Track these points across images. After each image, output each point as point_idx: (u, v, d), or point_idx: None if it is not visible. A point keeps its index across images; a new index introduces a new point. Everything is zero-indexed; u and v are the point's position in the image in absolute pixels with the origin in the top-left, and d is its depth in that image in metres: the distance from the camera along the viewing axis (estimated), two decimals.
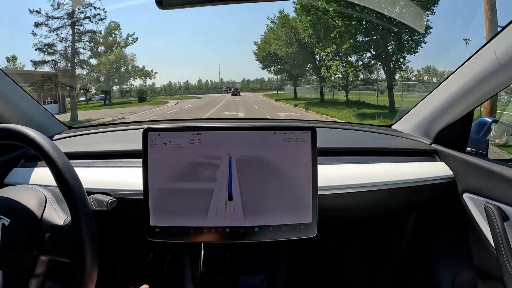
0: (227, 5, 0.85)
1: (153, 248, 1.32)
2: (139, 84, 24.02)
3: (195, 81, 37.26)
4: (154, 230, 0.79)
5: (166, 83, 34.48)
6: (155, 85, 30.54)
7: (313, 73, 20.33)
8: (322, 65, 16.61)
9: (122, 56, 20.18)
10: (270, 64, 22.94)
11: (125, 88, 23.05)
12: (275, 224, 0.79)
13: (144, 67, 22.61)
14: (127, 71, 21.31)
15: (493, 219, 0.89)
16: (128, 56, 20.54)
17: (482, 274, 1.00)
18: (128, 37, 19.76)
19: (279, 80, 27.87)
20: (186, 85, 35.80)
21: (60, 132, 1.30)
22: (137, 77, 22.50)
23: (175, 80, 37.14)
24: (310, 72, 20.91)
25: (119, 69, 20.40)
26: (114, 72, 20.00)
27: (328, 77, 15.78)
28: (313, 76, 22.91)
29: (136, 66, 21.64)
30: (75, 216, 0.64)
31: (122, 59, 20.23)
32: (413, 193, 1.04)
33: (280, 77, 25.35)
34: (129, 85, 23.08)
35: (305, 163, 0.79)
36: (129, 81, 22.49)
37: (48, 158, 0.65)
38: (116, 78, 20.69)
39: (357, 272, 1.45)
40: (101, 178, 0.96)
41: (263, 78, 35.29)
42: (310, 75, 22.77)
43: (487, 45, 0.88)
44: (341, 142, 1.18)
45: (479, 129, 1.08)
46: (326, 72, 15.76)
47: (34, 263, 0.68)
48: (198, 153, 0.79)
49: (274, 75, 24.52)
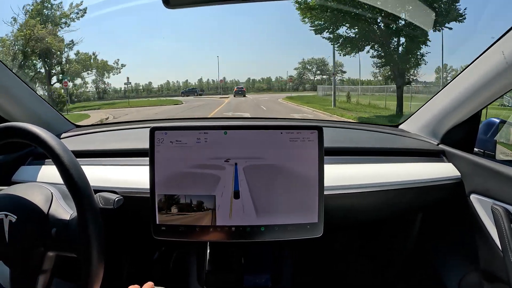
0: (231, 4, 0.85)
1: (159, 247, 1.33)
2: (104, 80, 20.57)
3: (195, 80, 33.89)
4: (160, 229, 0.80)
5: (164, 82, 31.94)
6: (152, 84, 28.66)
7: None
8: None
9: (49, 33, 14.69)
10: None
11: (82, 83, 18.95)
12: (281, 223, 0.80)
13: (107, 62, 19.02)
14: (69, 61, 16.88)
15: (500, 220, 0.88)
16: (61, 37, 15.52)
17: (488, 276, 0.99)
18: (72, 8, 15.10)
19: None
20: (185, 85, 32.55)
21: (68, 131, 1.31)
22: (93, 70, 18.73)
23: (173, 79, 34.26)
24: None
25: (49, 51, 15.05)
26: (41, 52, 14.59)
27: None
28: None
29: (84, 54, 17.62)
30: (81, 213, 0.65)
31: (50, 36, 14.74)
32: (420, 193, 1.03)
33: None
34: (85, 81, 19.25)
35: (311, 162, 0.79)
36: (82, 74, 18.33)
37: (55, 156, 0.65)
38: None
39: (363, 272, 1.45)
40: (108, 176, 0.96)
41: (269, 77, 32.86)
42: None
43: (495, 45, 0.87)
44: (348, 142, 1.18)
45: (487, 129, 1.07)
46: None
47: (41, 259, 0.69)
48: (204, 152, 0.79)
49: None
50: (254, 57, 42.82)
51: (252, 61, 44.12)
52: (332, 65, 20.38)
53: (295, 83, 29.55)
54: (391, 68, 13.98)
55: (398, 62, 13.10)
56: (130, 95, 23.87)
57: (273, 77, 32.88)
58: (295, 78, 30.21)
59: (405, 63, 12.99)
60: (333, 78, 19.20)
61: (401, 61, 12.98)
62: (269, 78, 32.57)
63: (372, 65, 14.30)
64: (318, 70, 29.74)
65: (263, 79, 32.96)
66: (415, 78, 13.64)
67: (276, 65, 49.53)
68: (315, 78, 29.84)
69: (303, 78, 30.34)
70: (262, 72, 46.81)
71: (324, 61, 28.98)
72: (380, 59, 13.96)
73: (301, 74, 30.41)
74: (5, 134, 0.69)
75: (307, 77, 30.21)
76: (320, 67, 29.40)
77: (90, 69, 19.41)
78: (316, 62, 29.48)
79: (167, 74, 48.30)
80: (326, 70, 28.71)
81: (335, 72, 22.62)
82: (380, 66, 14.63)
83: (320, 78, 29.32)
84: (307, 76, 30.32)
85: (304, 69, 30.20)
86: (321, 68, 29.35)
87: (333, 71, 20.50)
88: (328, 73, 27.56)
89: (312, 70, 30.19)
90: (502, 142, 1.09)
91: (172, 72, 44.62)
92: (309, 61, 29.93)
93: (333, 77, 19.32)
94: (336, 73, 24.78)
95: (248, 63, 45.97)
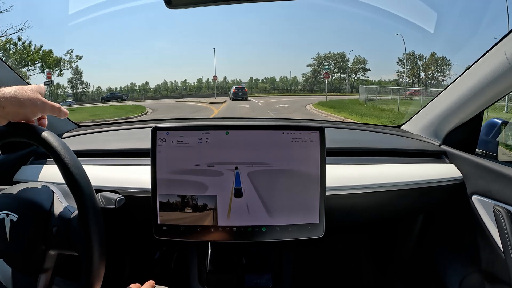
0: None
1: (161, 246, 1.33)
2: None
3: (195, 80, 31.94)
4: (161, 228, 0.80)
5: (161, 82, 30.29)
6: (149, 84, 26.70)
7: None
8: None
9: None
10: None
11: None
12: (283, 224, 0.80)
13: (51, 52, 15.67)
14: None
15: (502, 221, 0.88)
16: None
17: (490, 277, 0.99)
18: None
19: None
20: (184, 85, 30.68)
21: (70, 130, 1.31)
22: (34, 62, 15.05)
23: (172, 79, 32.58)
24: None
25: None
26: None
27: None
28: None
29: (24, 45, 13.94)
30: (82, 211, 0.65)
31: None
32: (422, 194, 1.03)
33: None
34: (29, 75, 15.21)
35: (313, 163, 0.79)
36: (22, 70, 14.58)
37: (57, 156, 0.66)
38: None
39: (364, 273, 1.45)
40: (109, 176, 0.96)
41: (273, 77, 29.84)
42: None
43: (497, 46, 0.87)
44: (350, 142, 1.17)
45: (489, 130, 1.07)
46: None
47: (42, 258, 0.69)
48: (206, 152, 0.79)
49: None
50: (257, 56, 42.22)
51: (254, 60, 43.29)
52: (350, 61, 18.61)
53: (310, 83, 25.80)
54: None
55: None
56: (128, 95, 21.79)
57: (277, 77, 30.13)
58: (309, 76, 26.45)
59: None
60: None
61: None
62: (273, 78, 30.09)
63: (398, 62, 13.38)
64: (336, 67, 25.95)
65: (267, 79, 30.56)
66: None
67: (280, 64, 48.70)
68: (332, 76, 26.20)
69: (318, 76, 26.76)
70: (265, 71, 46.17)
71: (343, 56, 25.45)
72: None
73: (316, 72, 26.79)
74: (7, 134, 0.69)
75: (322, 75, 26.42)
76: (339, 63, 25.73)
77: (31, 63, 15.86)
78: (334, 57, 25.98)
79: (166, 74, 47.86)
80: (346, 67, 25.23)
81: (358, 69, 20.74)
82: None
83: (338, 77, 25.64)
84: (321, 74, 26.42)
85: (320, 66, 26.50)
86: (340, 64, 25.62)
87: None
88: (348, 71, 24.36)
89: (329, 67, 26.58)
90: (504, 143, 1.09)
91: (171, 71, 44.34)
92: (326, 56, 26.42)
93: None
94: (357, 71, 23.03)
95: (250, 62, 45.37)
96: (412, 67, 16.82)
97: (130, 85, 25.09)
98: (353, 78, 22.08)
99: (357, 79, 23.60)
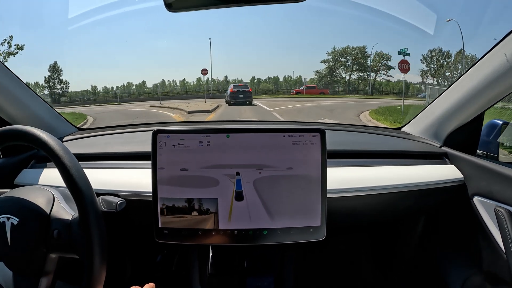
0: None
1: (162, 249, 1.33)
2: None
3: (194, 79, 28.35)
4: (162, 232, 0.80)
5: (159, 81, 27.15)
6: (146, 84, 24.69)
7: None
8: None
9: None
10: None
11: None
12: (284, 227, 0.79)
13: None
14: None
15: (504, 222, 0.88)
16: None
17: (492, 278, 0.99)
18: None
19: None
20: (182, 85, 27.61)
21: (70, 134, 1.32)
22: None
23: (170, 79, 29.21)
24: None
25: None
26: None
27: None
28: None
29: None
30: (83, 214, 0.65)
31: None
32: (423, 196, 1.03)
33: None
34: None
35: (314, 165, 0.79)
36: None
37: (58, 159, 0.66)
38: None
39: (366, 275, 1.44)
40: (110, 180, 0.96)
41: (276, 76, 26.60)
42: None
43: (497, 47, 0.87)
44: (351, 144, 1.17)
45: (490, 131, 1.06)
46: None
47: (43, 261, 0.69)
48: (207, 155, 0.79)
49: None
50: (259, 54, 41.61)
51: (256, 59, 42.37)
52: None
53: (325, 82, 20.93)
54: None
55: None
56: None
57: (281, 76, 27.08)
58: (324, 74, 21.16)
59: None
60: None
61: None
62: (276, 78, 27.00)
63: (422, 60, 11.78)
64: (355, 63, 21.00)
65: (270, 79, 27.32)
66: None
67: (282, 63, 47.79)
68: (350, 75, 21.45)
69: (334, 75, 21.83)
70: (267, 71, 45.36)
71: (364, 51, 20.58)
72: None
73: (332, 69, 21.70)
74: (8, 137, 0.69)
75: (339, 73, 21.57)
76: (358, 59, 20.86)
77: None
78: (353, 52, 21.10)
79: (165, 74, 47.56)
80: (366, 65, 20.71)
81: (380, 67, 16.65)
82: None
83: (356, 77, 21.08)
84: (339, 72, 21.53)
85: (336, 63, 21.53)
86: (359, 61, 20.76)
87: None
88: (370, 69, 19.85)
89: (346, 64, 21.45)
90: (505, 144, 1.09)
91: (170, 71, 43.97)
92: (343, 50, 21.37)
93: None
94: (379, 69, 18.49)
95: (252, 61, 44.54)
96: (439, 66, 15.50)
97: (126, 84, 24.34)
98: (374, 78, 18.54)
99: (380, 79, 19.65)
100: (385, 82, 19.88)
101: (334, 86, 21.34)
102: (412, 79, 18.05)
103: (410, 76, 17.78)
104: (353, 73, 21.37)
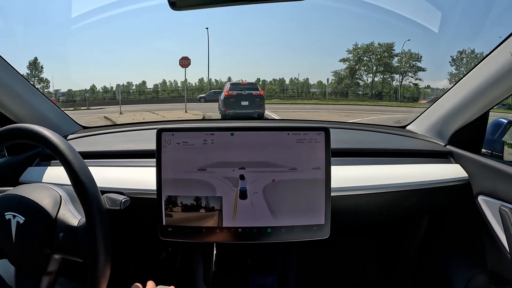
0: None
1: (166, 247, 1.33)
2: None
3: (196, 80, 27.76)
4: (166, 230, 0.80)
5: (160, 81, 27.12)
6: (146, 84, 24.28)
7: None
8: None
9: None
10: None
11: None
12: (288, 225, 0.79)
13: None
14: None
15: (508, 222, 0.87)
16: None
17: (496, 278, 0.98)
18: None
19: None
20: (183, 85, 25.16)
21: (75, 132, 1.32)
22: None
23: (171, 79, 28.66)
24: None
25: None
26: None
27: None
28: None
29: None
30: (89, 215, 0.65)
31: None
32: (427, 195, 1.02)
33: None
34: None
35: (318, 164, 0.79)
36: None
37: (63, 158, 0.66)
38: None
39: (369, 274, 1.44)
40: (114, 178, 0.97)
41: (282, 78, 25.27)
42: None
43: (502, 45, 0.87)
44: (355, 143, 1.17)
45: (495, 130, 1.06)
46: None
47: (47, 261, 0.69)
48: (211, 153, 0.79)
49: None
50: (264, 55, 41.05)
51: (261, 59, 41.71)
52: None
53: (345, 84, 17.79)
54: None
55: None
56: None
57: (287, 78, 25.82)
58: (344, 75, 18.02)
59: None
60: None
61: None
62: (282, 80, 25.57)
63: (450, 62, 10.26)
64: (380, 63, 17.98)
65: (275, 81, 25.85)
66: None
67: (288, 65, 46.94)
68: (373, 77, 18.33)
69: (355, 76, 18.73)
70: (272, 72, 44.53)
71: (391, 49, 17.36)
72: None
73: (353, 69, 18.70)
74: (12, 136, 0.69)
75: (359, 75, 18.46)
76: (384, 58, 17.77)
77: None
78: (378, 50, 17.96)
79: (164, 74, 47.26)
80: (393, 66, 17.54)
81: (408, 68, 13.47)
82: None
83: (379, 79, 18.07)
84: (359, 73, 18.40)
85: (359, 62, 18.60)
86: (385, 60, 17.65)
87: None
88: (399, 71, 16.88)
89: (368, 64, 18.35)
90: (510, 142, 1.08)
91: (170, 71, 43.43)
92: (367, 47, 18.20)
93: None
94: (407, 71, 15.64)
95: (257, 61, 43.99)
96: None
97: (126, 84, 23.85)
98: (400, 80, 15.88)
99: (407, 82, 16.88)
100: (413, 87, 17.18)
101: (353, 89, 18.68)
102: (438, 84, 16.26)
103: (432, 81, 15.84)
104: (377, 75, 18.70)
